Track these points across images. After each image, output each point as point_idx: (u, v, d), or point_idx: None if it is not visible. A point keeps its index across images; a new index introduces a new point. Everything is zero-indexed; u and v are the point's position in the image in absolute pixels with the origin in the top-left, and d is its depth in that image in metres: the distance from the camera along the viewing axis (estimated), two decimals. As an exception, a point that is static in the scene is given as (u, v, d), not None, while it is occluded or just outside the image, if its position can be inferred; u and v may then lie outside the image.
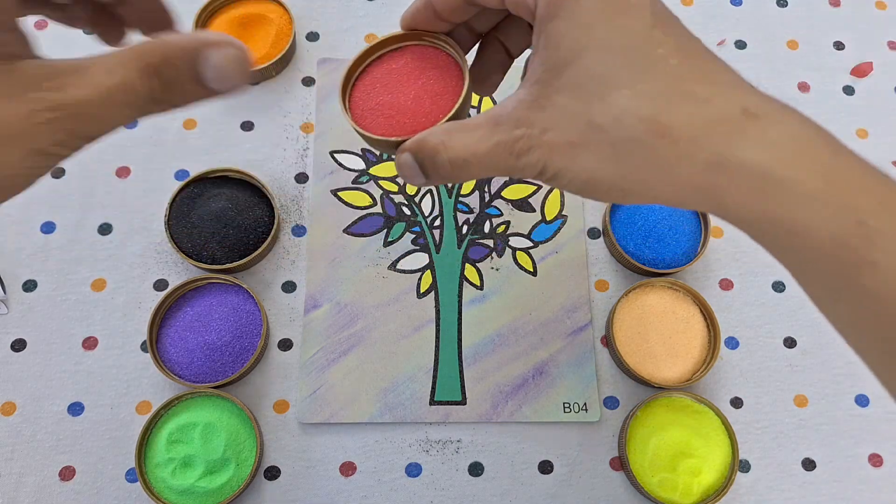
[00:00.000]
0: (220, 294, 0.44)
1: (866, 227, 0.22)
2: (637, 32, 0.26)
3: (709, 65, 0.26)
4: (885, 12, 0.57)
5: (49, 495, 0.41)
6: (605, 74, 0.26)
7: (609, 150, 0.26)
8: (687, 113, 0.24)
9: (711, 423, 0.43)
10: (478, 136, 0.28)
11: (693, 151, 0.24)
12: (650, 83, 0.25)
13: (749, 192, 0.24)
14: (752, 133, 0.24)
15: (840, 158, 0.23)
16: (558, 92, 0.27)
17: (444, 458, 0.43)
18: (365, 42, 0.53)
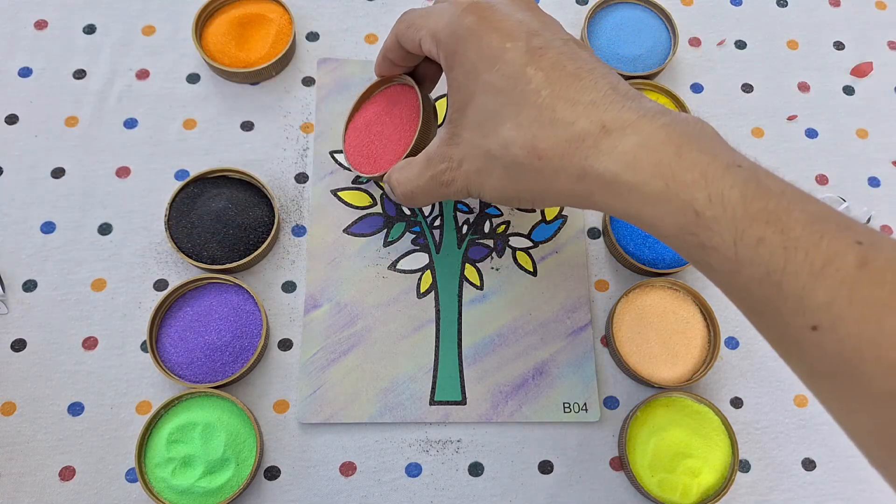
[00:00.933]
0: (220, 294, 0.44)
1: (702, 217, 0.27)
2: (512, 74, 0.31)
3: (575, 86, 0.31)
4: (885, 12, 0.57)
5: (49, 495, 0.41)
6: (492, 111, 0.32)
7: (504, 172, 0.32)
8: (555, 136, 0.30)
9: (711, 423, 0.43)
10: (416, 173, 0.37)
11: (564, 167, 0.30)
12: (526, 115, 0.31)
13: (609, 196, 0.29)
14: (605, 147, 0.29)
15: (683, 159, 0.28)
16: (464, 129, 0.34)
17: (444, 458, 0.43)
18: (365, 42, 0.53)
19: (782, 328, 0.27)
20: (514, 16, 0.33)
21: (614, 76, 0.32)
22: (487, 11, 0.33)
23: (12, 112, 0.49)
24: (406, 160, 0.39)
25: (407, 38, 0.37)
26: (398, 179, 0.38)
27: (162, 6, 0.52)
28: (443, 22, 0.34)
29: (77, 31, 0.51)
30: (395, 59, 0.40)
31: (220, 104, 0.50)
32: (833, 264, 0.25)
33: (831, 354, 0.25)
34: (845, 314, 0.24)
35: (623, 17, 0.53)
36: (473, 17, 0.33)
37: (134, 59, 0.51)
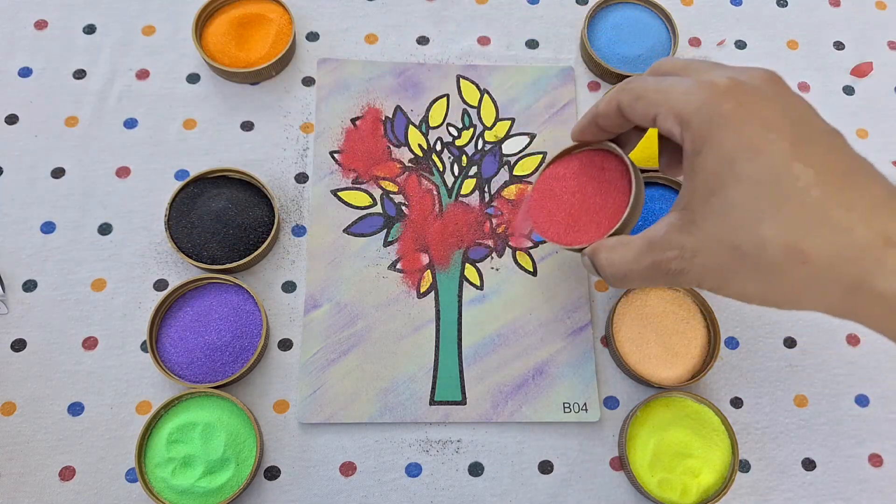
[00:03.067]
0: (220, 294, 0.44)
1: None
2: (776, 167, 0.28)
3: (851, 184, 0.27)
4: (885, 12, 0.57)
5: (49, 495, 0.41)
6: (748, 205, 0.28)
7: (756, 274, 0.29)
8: (827, 242, 0.27)
9: (711, 423, 0.43)
10: (634, 255, 0.33)
11: (833, 277, 0.27)
12: (792, 214, 0.27)
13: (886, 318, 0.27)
14: (890, 263, 0.26)
15: None
16: (705, 219, 0.30)
17: (444, 458, 0.43)
18: (365, 42, 0.53)
19: None
20: (775, 104, 0.30)
21: (881, 175, 0.29)
22: (748, 97, 0.30)
23: (12, 112, 0.49)
24: (618, 239, 0.35)
25: (636, 111, 0.33)
26: (610, 260, 0.35)
27: (162, 6, 0.52)
28: (693, 104, 0.30)
29: (77, 31, 0.51)
30: (607, 127, 0.37)
31: (220, 104, 0.50)
32: None
33: None
34: None
35: (623, 17, 0.53)
36: (732, 102, 0.30)
37: (134, 59, 0.51)
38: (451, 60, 0.53)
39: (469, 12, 0.54)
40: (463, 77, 0.52)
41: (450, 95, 0.51)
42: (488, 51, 0.53)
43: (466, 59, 0.53)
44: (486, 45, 0.53)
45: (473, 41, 0.53)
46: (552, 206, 0.40)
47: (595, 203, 0.39)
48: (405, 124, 0.50)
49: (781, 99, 0.30)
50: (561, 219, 0.40)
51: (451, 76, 0.52)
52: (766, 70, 0.32)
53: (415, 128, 0.50)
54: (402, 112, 0.50)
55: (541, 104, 0.51)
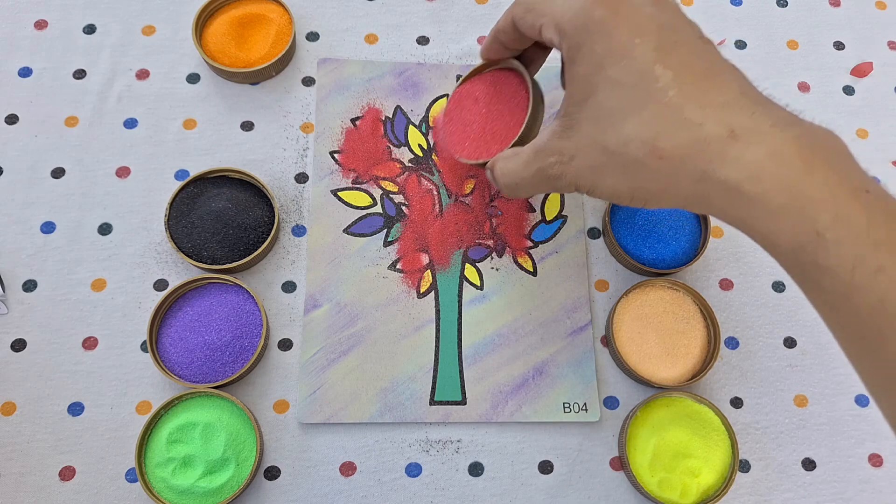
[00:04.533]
0: (220, 294, 0.44)
1: (823, 238, 0.26)
2: (639, 70, 0.30)
3: (705, 87, 0.30)
4: (885, 12, 0.57)
5: (49, 495, 0.41)
6: (614, 108, 0.31)
7: (621, 170, 0.31)
8: (680, 137, 0.29)
9: (711, 423, 0.43)
10: (523, 164, 0.36)
11: (685, 169, 0.29)
12: (650, 113, 0.30)
13: (727, 203, 0.29)
14: (731, 153, 0.28)
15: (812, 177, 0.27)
16: (580, 123, 0.32)
17: (444, 458, 0.43)
18: (365, 42, 0.53)
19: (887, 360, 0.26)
20: (644, 9, 0.31)
21: (744, 79, 0.31)
22: (620, 4, 0.31)
23: (12, 112, 0.49)
24: (512, 150, 0.37)
25: (526, 23, 0.35)
26: (503, 170, 0.37)
27: (162, 6, 0.52)
28: (570, 12, 0.32)
29: (77, 31, 0.51)
30: (507, 42, 0.39)
31: (220, 104, 0.50)
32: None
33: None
34: None
35: (623, 17, 0.53)
36: (603, 9, 0.31)
37: (134, 59, 0.51)
38: (451, 60, 0.53)
39: (469, 12, 0.54)
40: (463, 77, 0.52)
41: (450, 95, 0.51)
42: (488, 51, 0.53)
43: (466, 59, 0.53)
44: (486, 45, 0.53)
45: (473, 41, 0.53)
46: (462, 125, 0.43)
47: (500, 119, 0.41)
48: (405, 124, 0.50)
49: (651, 6, 0.32)
50: (470, 136, 0.43)
51: (451, 76, 0.52)
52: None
53: (415, 128, 0.50)
54: (402, 112, 0.50)
55: (541, 104, 0.51)
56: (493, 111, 0.42)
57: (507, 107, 0.41)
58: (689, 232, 0.47)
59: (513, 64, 0.41)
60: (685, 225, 0.47)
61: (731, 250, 0.49)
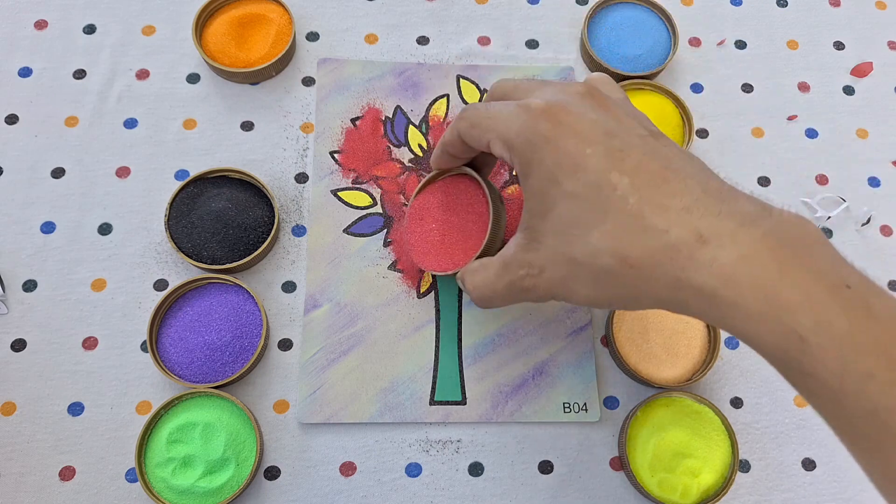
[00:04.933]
0: (220, 294, 0.44)
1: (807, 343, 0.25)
2: (595, 181, 0.30)
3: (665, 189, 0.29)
4: (885, 12, 0.57)
5: (49, 495, 0.41)
6: (576, 220, 0.31)
7: (594, 281, 0.31)
8: (647, 245, 0.29)
9: (711, 423, 0.43)
10: (493, 278, 0.36)
11: (657, 276, 0.29)
12: (613, 223, 0.29)
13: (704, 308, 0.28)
14: (702, 259, 0.27)
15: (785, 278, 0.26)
16: (544, 236, 0.32)
17: (444, 458, 0.43)
18: (365, 42, 0.53)
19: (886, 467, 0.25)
20: (587, 116, 0.31)
21: (703, 173, 0.30)
22: (562, 115, 0.31)
23: (12, 112, 0.49)
24: (480, 262, 0.37)
25: (472, 138, 0.35)
26: (473, 283, 0.37)
27: (162, 6, 0.52)
28: (514, 128, 0.32)
29: (77, 31, 0.51)
30: (456, 153, 0.39)
31: (220, 104, 0.50)
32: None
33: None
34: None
35: (623, 17, 0.53)
36: (548, 123, 0.31)
37: (134, 59, 0.51)
38: (451, 60, 0.53)
39: (469, 12, 0.54)
40: (463, 77, 0.52)
41: (450, 95, 0.51)
42: (488, 51, 0.53)
43: (466, 59, 0.53)
44: (486, 45, 0.53)
45: (473, 41, 0.53)
46: (423, 236, 0.43)
47: (461, 228, 0.41)
48: (405, 124, 0.50)
49: (594, 112, 0.32)
50: (433, 248, 0.42)
51: (451, 76, 0.52)
52: (583, 84, 0.34)
53: (415, 128, 0.50)
54: (402, 112, 0.50)
55: (541, 104, 0.51)
56: (453, 220, 0.42)
57: (467, 214, 0.41)
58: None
59: (465, 170, 0.41)
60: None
61: (731, 250, 0.49)
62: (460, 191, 0.42)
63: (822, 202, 0.50)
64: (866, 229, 0.50)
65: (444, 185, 0.43)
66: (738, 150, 0.52)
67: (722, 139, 0.52)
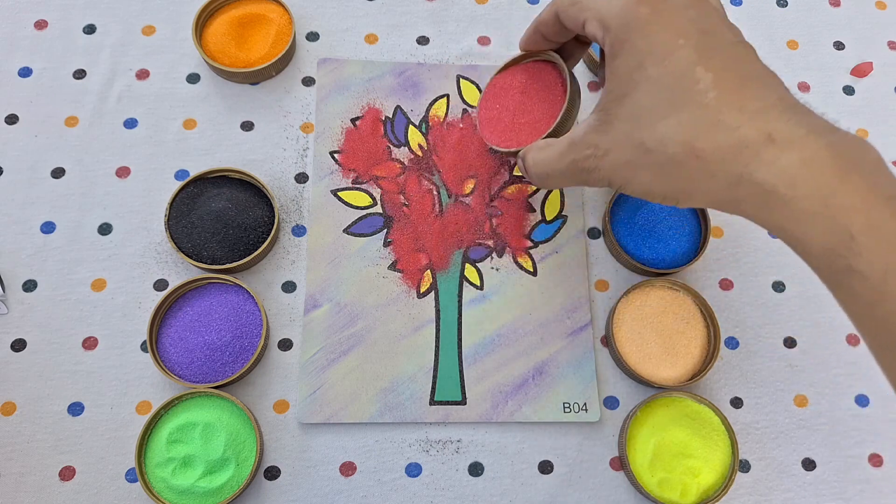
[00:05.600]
0: (220, 294, 0.44)
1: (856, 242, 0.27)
2: (680, 71, 0.31)
3: (744, 91, 0.30)
4: (885, 12, 0.57)
5: (49, 495, 0.41)
6: (653, 106, 0.31)
7: (657, 168, 0.32)
8: (718, 139, 0.29)
9: (711, 423, 0.43)
10: (557, 155, 0.36)
11: (720, 170, 0.30)
12: (689, 114, 0.30)
13: (760, 206, 0.29)
14: (767, 158, 0.29)
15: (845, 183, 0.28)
16: (617, 119, 0.33)
17: (444, 458, 0.43)
18: (365, 42, 0.53)
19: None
20: (687, 11, 0.32)
21: (782, 86, 0.31)
22: (662, 4, 0.32)
23: (12, 112, 0.49)
24: (546, 141, 0.38)
25: (569, 16, 0.36)
26: (535, 159, 0.38)
27: (162, 6, 0.52)
28: (615, 8, 0.33)
29: (77, 31, 0.51)
30: (548, 35, 0.39)
31: (220, 104, 0.50)
32: None
33: None
34: None
35: (623, 17, 0.53)
36: (647, 8, 0.32)
37: (134, 59, 0.51)
38: (451, 60, 0.53)
39: (469, 12, 0.54)
40: (463, 77, 0.52)
41: (450, 95, 0.51)
42: (488, 51, 0.53)
43: (466, 59, 0.53)
44: (486, 45, 0.53)
45: (473, 41, 0.53)
46: (497, 113, 0.43)
47: (535, 110, 0.42)
48: (405, 124, 0.50)
49: (695, 9, 0.32)
50: (502, 124, 0.43)
51: (451, 76, 0.52)
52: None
53: (415, 128, 0.50)
54: (402, 112, 0.50)
55: (541, 104, 0.51)
56: (528, 101, 0.42)
57: (543, 98, 0.41)
58: (689, 232, 0.47)
59: (551, 56, 0.41)
60: (685, 225, 0.47)
61: (731, 250, 0.49)
62: (541, 76, 0.42)
63: None
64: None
65: (527, 68, 0.43)
66: (738, 150, 0.52)
67: (722, 139, 0.52)
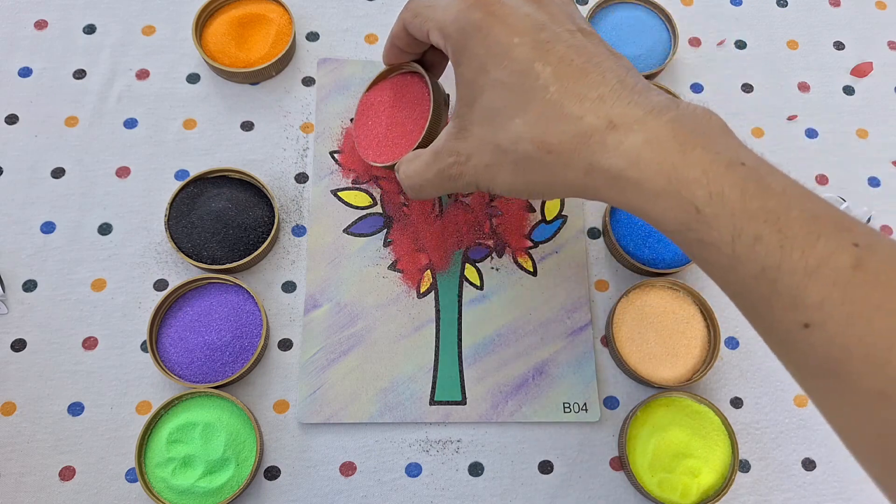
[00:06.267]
0: (220, 294, 0.44)
1: (702, 214, 0.28)
2: (520, 70, 0.32)
3: (583, 81, 0.31)
4: (885, 12, 0.57)
5: (49, 495, 0.41)
6: (501, 108, 0.32)
7: (515, 167, 0.33)
8: (564, 132, 0.31)
9: (711, 423, 0.43)
10: (424, 166, 0.37)
11: (572, 161, 0.31)
12: (534, 111, 0.31)
13: (614, 191, 0.30)
14: (611, 143, 0.30)
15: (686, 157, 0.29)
16: (472, 124, 0.34)
17: (444, 458, 0.43)
18: (365, 42, 0.53)
19: (776, 325, 0.27)
20: (520, 9, 0.33)
21: (622, 68, 0.32)
22: (494, 6, 0.33)
23: (12, 112, 0.49)
24: (414, 152, 0.38)
25: (415, 28, 0.37)
26: (406, 172, 0.38)
27: (162, 6, 0.52)
28: (450, 16, 0.34)
29: (77, 31, 0.51)
30: (403, 47, 0.40)
31: (220, 104, 0.50)
32: (828, 264, 0.25)
33: (821, 353, 0.25)
34: (836, 313, 0.25)
35: (623, 17, 0.53)
36: (480, 12, 0.32)
37: (134, 59, 0.51)
38: (451, 60, 0.53)
39: (469, 12, 0.54)
40: (463, 77, 0.52)
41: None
42: (488, 51, 0.53)
43: (466, 59, 0.53)
44: (486, 45, 0.53)
45: (473, 41, 0.53)
46: (371, 130, 0.44)
47: (405, 123, 0.42)
48: (405, 124, 0.50)
49: (528, 6, 0.33)
50: (379, 140, 0.43)
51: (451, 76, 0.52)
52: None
53: (415, 128, 0.50)
54: (402, 112, 0.50)
55: (541, 104, 0.51)
56: (398, 115, 0.43)
57: (412, 110, 0.42)
58: (689, 232, 0.47)
59: (414, 67, 0.42)
60: (685, 225, 0.47)
61: (731, 250, 0.49)
62: (409, 89, 0.43)
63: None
64: (866, 229, 0.50)
65: (394, 83, 0.44)
66: (738, 150, 0.52)
67: (722, 139, 0.52)
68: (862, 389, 0.25)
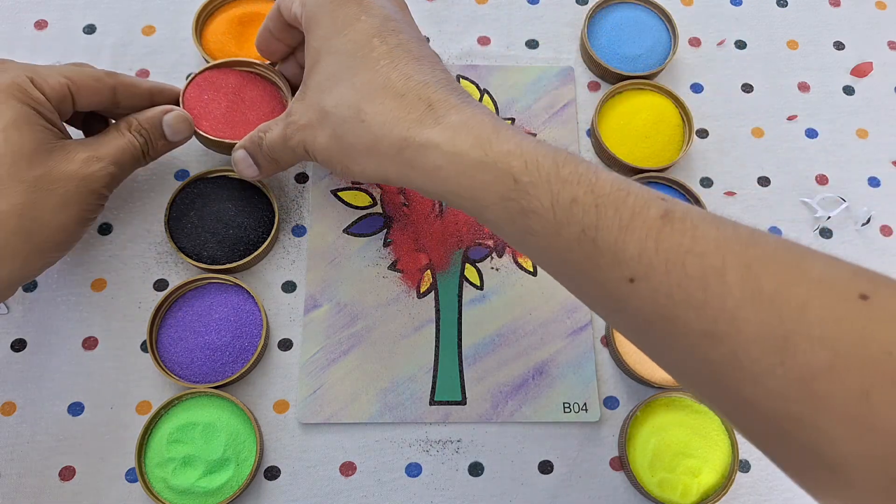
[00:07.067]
0: (220, 294, 0.44)
1: (521, 183, 0.29)
2: (358, 40, 0.34)
3: (414, 66, 0.33)
4: (885, 12, 0.57)
5: (49, 495, 0.41)
6: (333, 73, 0.34)
7: (331, 131, 0.34)
8: (383, 104, 0.32)
9: (711, 423, 0.43)
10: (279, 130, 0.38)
11: (386, 134, 0.32)
12: (361, 78, 0.33)
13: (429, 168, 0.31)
14: (429, 121, 0.31)
15: (500, 134, 0.30)
16: (309, 88, 0.36)
17: (444, 458, 0.43)
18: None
19: (604, 284, 0.28)
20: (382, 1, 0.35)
21: (449, 76, 0.34)
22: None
23: (12, 112, 0.49)
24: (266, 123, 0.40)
25: (285, 5, 0.38)
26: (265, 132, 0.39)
27: (162, 6, 0.52)
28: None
29: (77, 32, 0.51)
30: (274, 30, 0.41)
31: (220, 104, 0.50)
32: (640, 217, 0.27)
33: (648, 303, 0.26)
34: (655, 263, 0.26)
35: (623, 17, 0.53)
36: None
37: (134, 59, 0.51)
38: (451, 60, 0.53)
39: (469, 12, 0.54)
40: (463, 77, 0.52)
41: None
42: (488, 51, 0.53)
43: (466, 59, 0.53)
44: (486, 45, 0.53)
45: (473, 41, 0.53)
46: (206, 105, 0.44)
47: (248, 112, 0.45)
48: (405, 124, 0.50)
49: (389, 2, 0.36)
50: (215, 116, 0.44)
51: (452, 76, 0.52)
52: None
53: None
54: (402, 112, 0.50)
55: (541, 104, 0.51)
56: (241, 103, 0.45)
57: (259, 104, 0.45)
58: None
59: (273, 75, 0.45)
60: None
61: (731, 250, 0.49)
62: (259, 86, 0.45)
63: (822, 202, 0.50)
64: (866, 229, 0.50)
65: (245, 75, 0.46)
66: (738, 150, 0.52)
67: (722, 139, 0.52)
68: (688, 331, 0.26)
